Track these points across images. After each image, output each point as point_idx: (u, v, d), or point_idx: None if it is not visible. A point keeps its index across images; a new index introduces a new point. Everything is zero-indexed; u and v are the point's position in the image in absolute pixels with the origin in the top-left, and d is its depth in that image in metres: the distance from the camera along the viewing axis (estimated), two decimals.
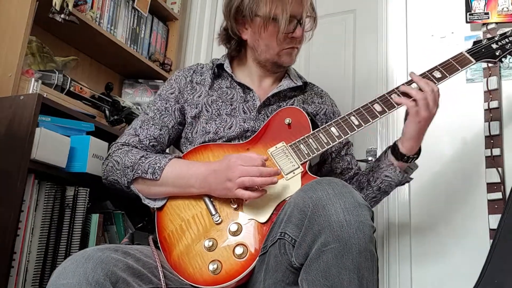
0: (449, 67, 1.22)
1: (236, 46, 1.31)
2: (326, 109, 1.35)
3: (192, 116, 1.25)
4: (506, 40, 1.29)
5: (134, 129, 1.24)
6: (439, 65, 1.23)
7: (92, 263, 0.84)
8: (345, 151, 1.34)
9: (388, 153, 1.22)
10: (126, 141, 1.21)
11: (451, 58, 1.24)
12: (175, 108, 1.26)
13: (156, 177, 1.10)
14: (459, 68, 1.22)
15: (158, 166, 1.11)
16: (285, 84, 1.30)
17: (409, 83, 1.18)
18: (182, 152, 1.29)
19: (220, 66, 1.30)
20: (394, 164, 1.20)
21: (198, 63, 1.37)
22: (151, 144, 1.22)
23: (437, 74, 1.20)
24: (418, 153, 1.20)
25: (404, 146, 1.17)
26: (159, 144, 1.24)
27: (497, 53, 1.28)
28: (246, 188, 1.01)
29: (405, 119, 1.18)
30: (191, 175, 1.08)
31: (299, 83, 1.32)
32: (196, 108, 1.25)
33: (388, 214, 1.78)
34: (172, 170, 1.11)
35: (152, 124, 1.24)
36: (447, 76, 1.20)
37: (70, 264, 0.85)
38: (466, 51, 1.26)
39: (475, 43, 1.30)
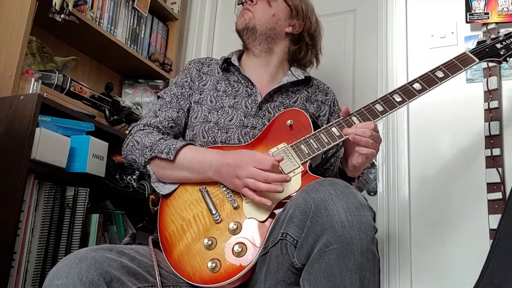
0: (452, 67, 1.23)
1: None
2: (327, 110, 1.38)
3: (195, 100, 1.29)
4: (511, 39, 1.30)
5: (154, 112, 1.29)
6: (442, 65, 1.24)
7: (86, 263, 0.84)
8: (331, 153, 1.35)
9: (336, 173, 1.28)
10: (148, 122, 1.24)
11: (454, 58, 1.25)
12: (189, 94, 1.31)
13: (170, 157, 1.12)
14: (462, 67, 1.23)
15: (174, 147, 1.13)
16: (286, 79, 1.33)
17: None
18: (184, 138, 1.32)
19: (228, 61, 1.35)
20: None
21: (207, 57, 1.44)
22: (169, 125, 1.26)
23: (440, 74, 1.21)
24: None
25: (350, 172, 1.21)
26: (177, 126, 1.28)
27: (502, 52, 1.29)
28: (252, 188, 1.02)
29: (347, 152, 1.19)
30: (206, 161, 1.10)
31: (301, 77, 1.34)
32: (200, 94, 1.30)
33: (388, 214, 1.78)
34: (188, 153, 1.13)
35: (170, 107, 1.28)
36: (450, 76, 1.21)
37: (64, 264, 0.85)
38: (469, 51, 1.27)
39: (479, 43, 1.31)
